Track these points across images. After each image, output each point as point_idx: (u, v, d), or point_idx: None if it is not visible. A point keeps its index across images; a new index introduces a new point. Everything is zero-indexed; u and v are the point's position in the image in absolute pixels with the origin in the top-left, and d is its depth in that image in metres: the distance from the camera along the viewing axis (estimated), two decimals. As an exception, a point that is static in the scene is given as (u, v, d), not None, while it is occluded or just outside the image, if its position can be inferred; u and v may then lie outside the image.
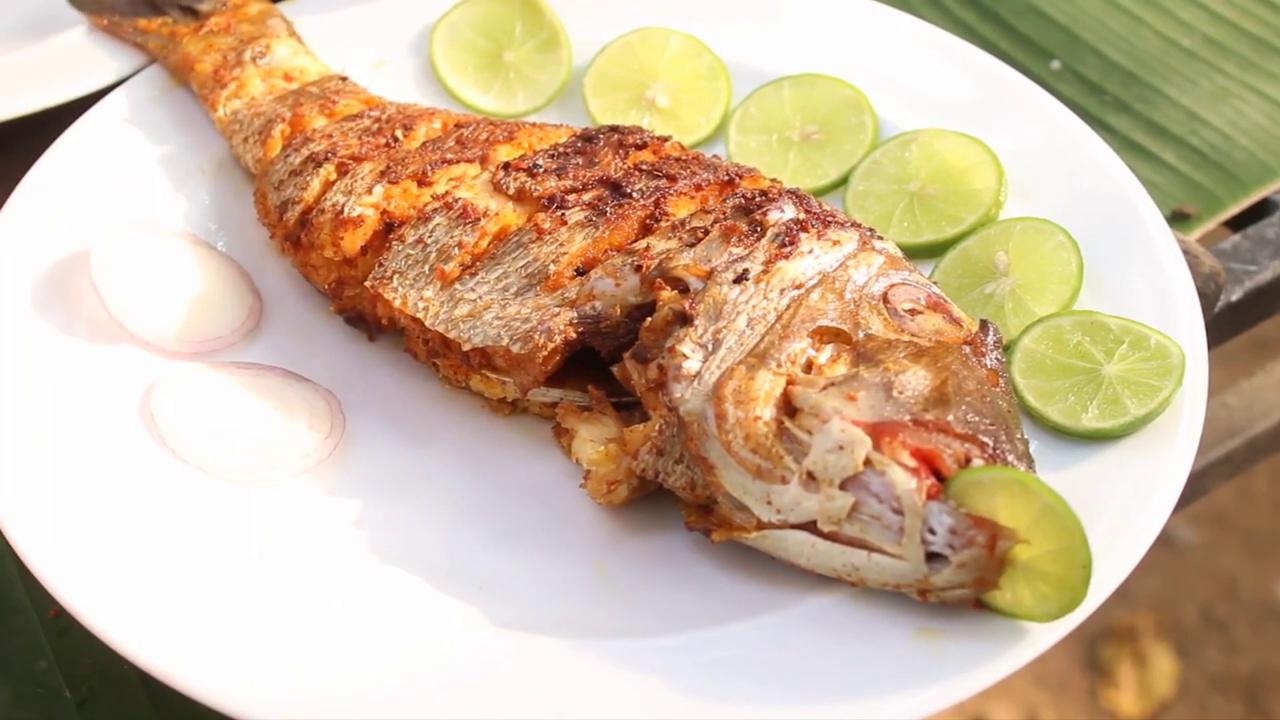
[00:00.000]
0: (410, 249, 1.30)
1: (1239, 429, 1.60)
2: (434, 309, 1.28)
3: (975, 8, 1.77)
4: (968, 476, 1.10)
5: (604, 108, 1.51)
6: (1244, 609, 3.08)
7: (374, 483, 1.27)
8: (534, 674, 1.13)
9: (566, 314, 1.23)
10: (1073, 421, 1.23)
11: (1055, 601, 1.09)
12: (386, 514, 1.25)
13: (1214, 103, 1.68)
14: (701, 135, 1.50)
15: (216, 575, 1.19)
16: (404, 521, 1.24)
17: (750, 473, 1.14)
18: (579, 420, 1.25)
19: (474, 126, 1.40)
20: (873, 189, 1.43)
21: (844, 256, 1.23)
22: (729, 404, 1.15)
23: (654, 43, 1.54)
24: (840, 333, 1.19)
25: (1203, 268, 1.44)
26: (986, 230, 1.36)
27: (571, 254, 1.26)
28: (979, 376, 1.17)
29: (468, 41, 1.56)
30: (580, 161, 1.34)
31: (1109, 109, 1.66)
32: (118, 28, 1.57)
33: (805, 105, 1.49)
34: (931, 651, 1.11)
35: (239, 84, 1.48)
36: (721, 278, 1.21)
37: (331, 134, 1.40)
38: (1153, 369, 1.24)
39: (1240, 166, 1.62)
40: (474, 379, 1.29)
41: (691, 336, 1.18)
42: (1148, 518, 1.18)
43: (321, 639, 1.15)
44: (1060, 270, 1.32)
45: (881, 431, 1.11)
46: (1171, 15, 1.76)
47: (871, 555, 1.12)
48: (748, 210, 1.26)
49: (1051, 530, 1.08)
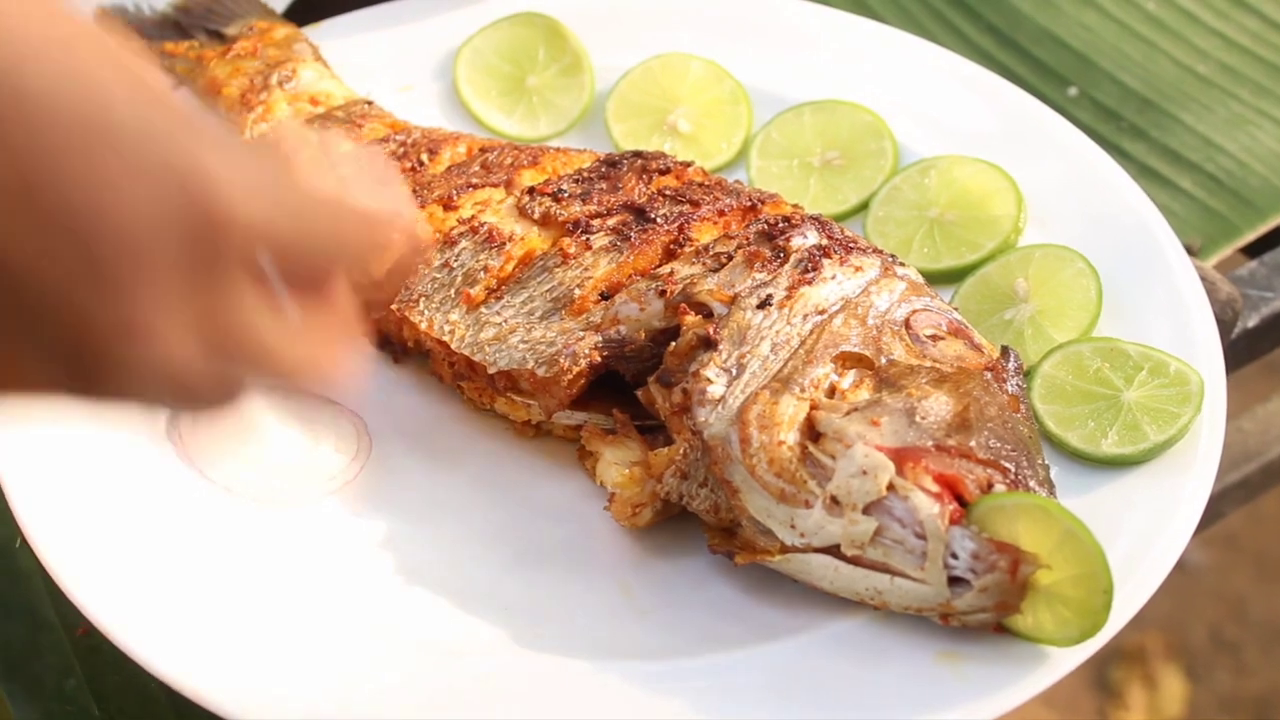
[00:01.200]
0: (436, 273, 1.32)
1: (1254, 454, 1.60)
2: (460, 332, 1.29)
3: (993, 34, 1.78)
4: (990, 502, 1.11)
5: (626, 133, 1.52)
6: (1253, 631, 3.08)
7: (399, 504, 1.28)
8: (560, 695, 1.14)
9: (591, 338, 1.25)
10: (1093, 447, 1.24)
11: (1076, 626, 1.10)
12: (412, 535, 1.26)
13: (1229, 129, 1.69)
14: (723, 160, 1.51)
15: (242, 595, 1.20)
16: (429, 543, 1.25)
17: (774, 496, 1.15)
18: (603, 443, 1.26)
19: (498, 151, 1.42)
20: (893, 215, 1.44)
21: (866, 282, 1.24)
22: (753, 428, 1.16)
23: (675, 68, 1.55)
24: (863, 358, 1.20)
25: (1220, 294, 1.45)
26: (1006, 257, 1.38)
27: (596, 278, 1.28)
28: (1000, 402, 1.18)
29: (491, 66, 1.58)
30: (604, 186, 1.35)
31: (1125, 135, 1.68)
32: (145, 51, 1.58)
33: (826, 131, 1.50)
34: (954, 674, 1.12)
35: (265, 108, 1.49)
36: (745, 303, 1.22)
37: (357, 158, 1.41)
38: (1172, 395, 1.25)
39: (1256, 193, 1.63)
40: (499, 402, 1.30)
41: (716, 361, 1.19)
42: (1167, 543, 1.19)
43: (347, 660, 1.16)
44: (1080, 297, 1.33)
45: (904, 457, 1.12)
46: (1187, 42, 1.77)
47: (894, 579, 1.13)
48: (771, 236, 1.27)
49: (1073, 555, 1.09)
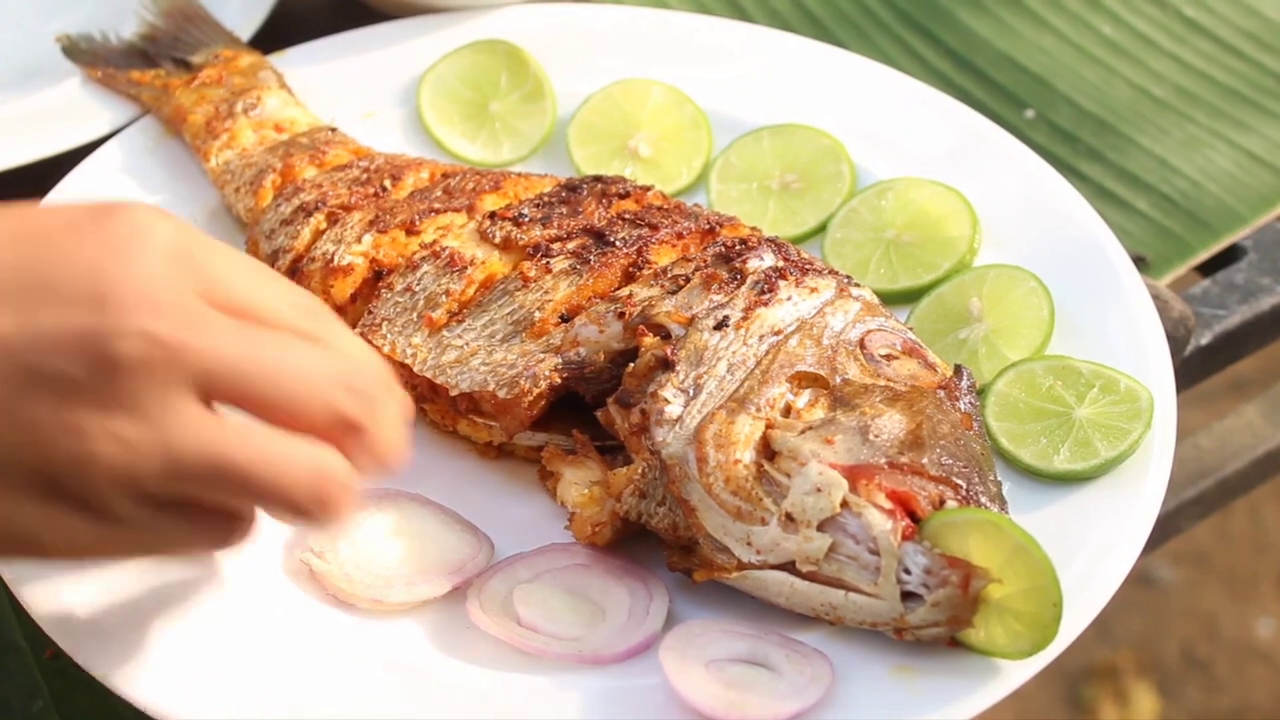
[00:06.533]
0: (399, 297, 1.33)
1: (1210, 470, 1.62)
2: (422, 355, 1.31)
3: (951, 58, 1.80)
4: (942, 518, 1.13)
5: (588, 158, 1.54)
6: (1224, 648, 3.10)
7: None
8: (524, 711, 1.15)
9: (551, 360, 1.26)
10: (1045, 464, 1.26)
11: (1028, 639, 1.11)
12: (376, 556, 1.27)
13: (1184, 151, 1.71)
14: (683, 184, 1.53)
15: (211, 618, 1.20)
16: (393, 563, 1.26)
17: (730, 514, 1.16)
18: (564, 464, 1.27)
19: (461, 176, 1.43)
20: (850, 236, 1.45)
21: (822, 303, 1.26)
22: (710, 447, 1.17)
23: (636, 94, 1.57)
24: (818, 378, 1.22)
25: (1172, 312, 1.47)
26: (961, 277, 1.39)
27: (556, 301, 1.29)
28: (953, 420, 1.20)
29: (454, 92, 1.59)
30: (565, 210, 1.36)
31: (1082, 157, 1.70)
32: (112, 79, 1.60)
33: (784, 155, 1.52)
34: (908, 689, 1.13)
35: (231, 135, 1.51)
36: (702, 324, 1.23)
37: (321, 184, 1.43)
38: (1123, 412, 1.27)
39: (1210, 213, 1.65)
40: (461, 424, 1.32)
41: (673, 382, 1.21)
42: (1119, 557, 1.20)
43: (314, 683, 1.16)
44: (1032, 316, 1.35)
45: (858, 474, 1.14)
46: (1143, 65, 1.80)
47: (849, 594, 1.14)
48: (728, 258, 1.28)
49: (1023, 570, 1.11)
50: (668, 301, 1.26)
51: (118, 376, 0.90)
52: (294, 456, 0.96)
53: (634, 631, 1.19)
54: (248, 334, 0.95)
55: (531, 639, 1.18)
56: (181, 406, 0.92)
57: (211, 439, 0.93)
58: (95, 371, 0.90)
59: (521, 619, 1.19)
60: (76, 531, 0.94)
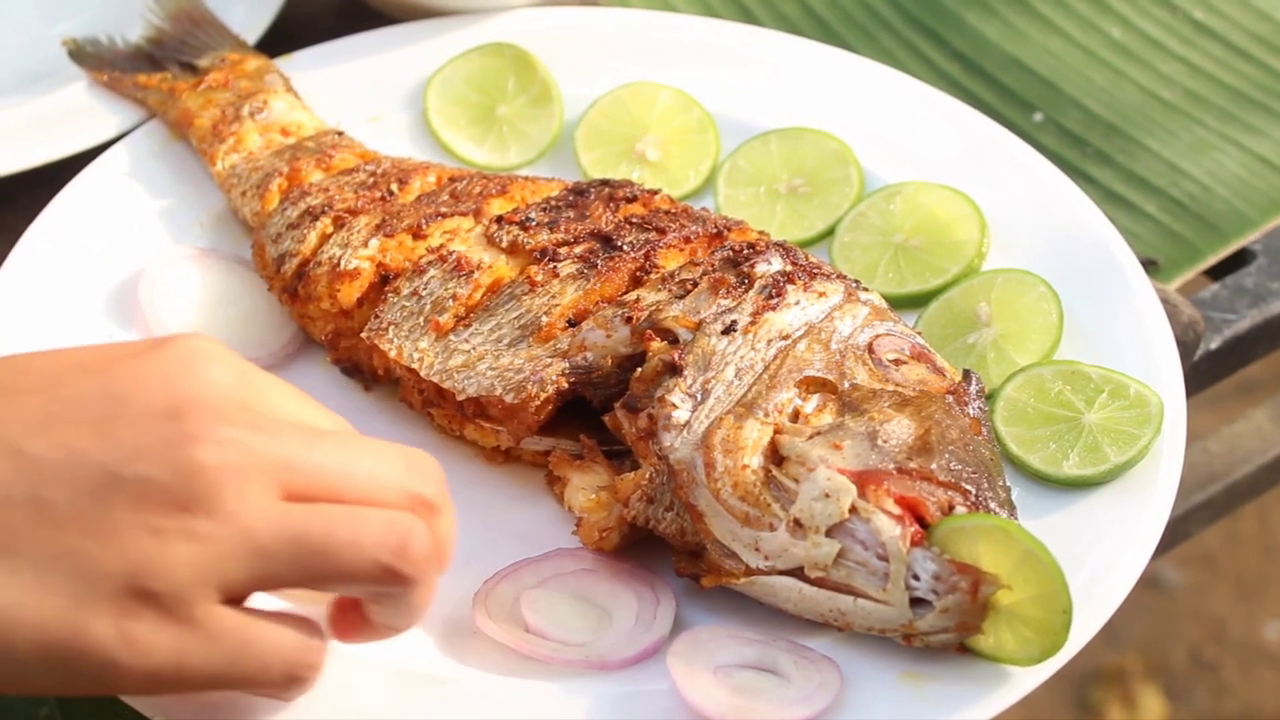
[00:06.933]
0: (405, 301, 1.33)
1: (1220, 474, 1.62)
2: (429, 360, 1.30)
3: (960, 61, 1.80)
4: (951, 524, 1.12)
5: (595, 161, 1.54)
6: (1232, 650, 3.10)
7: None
8: (525, 716, 1.15)
9: (559, 365, 1.26)
10: (1054, 469, 1.25)
11: (1037, 645, 1.11)
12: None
13: (1193, 154, 1.70)
14: (690, 188, 1.53)
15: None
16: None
17: (738, 520, 1.16)
18: (571, 469, 1.27)
19: (468, 180, 1.43)
20: (858, 240, 1.45)
21: (830, 308, 1.26)
22: (717, 452, 1.17)
23: (644, 97, 1.57)
24: (826, 383, 1.21)
25: (1182, 317, 1.47)
26: (969, 281, 1.39)
27: (563, 306, 1.29)
28: (962, 425, 1.19)
29: (461, 96, 1.59)
30: (572, 215, 1.36)
31: (1091, 161, 1.69)
32: (118, 83, 1.60)
33: (792, 158, 1.52)
34: (917, 695, 1.13)
35: (237, 139, 1.50)
36: (710, 329, 1.23)
37: (328, 188, 1.43)
38: (1132, 417, 1.26)
39: (1219, 216, 1.64)
40: (468, 428, 1.32)
41: (681, 387, 1.21)
42: (1128, 562, 1.20)
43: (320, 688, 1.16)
44: (1041, 321, 1.34)
45: (867, 480, 1.14)
46: (1152, 68, 1.79)
47: (857, 600, 1.14)
48: (736, 262, 1.28)
49: (1033, 576, 1.10)
50: (675, 306, 1.25)
51: (198, 479, 0.93)
52: (372, 518, 0.98)
53: (641, 637, 1.18)
54: (313, 433, 1.00)
55: (539, 645, 1.18)
56: (259, 500, 0.95)
57: (290, 519, 0.96)
58: (175, 475, 0.93)
59: (529, 625, 1.19)
60: (155, 646, 0.93)
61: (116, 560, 0.92)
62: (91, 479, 0.92)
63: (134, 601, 0.92)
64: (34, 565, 0.91)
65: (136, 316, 1.40)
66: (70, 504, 0.92)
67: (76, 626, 0.92)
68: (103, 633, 0.92)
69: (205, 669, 0.95)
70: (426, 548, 0.99)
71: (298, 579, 0.97)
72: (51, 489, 0.92)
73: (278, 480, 0.96)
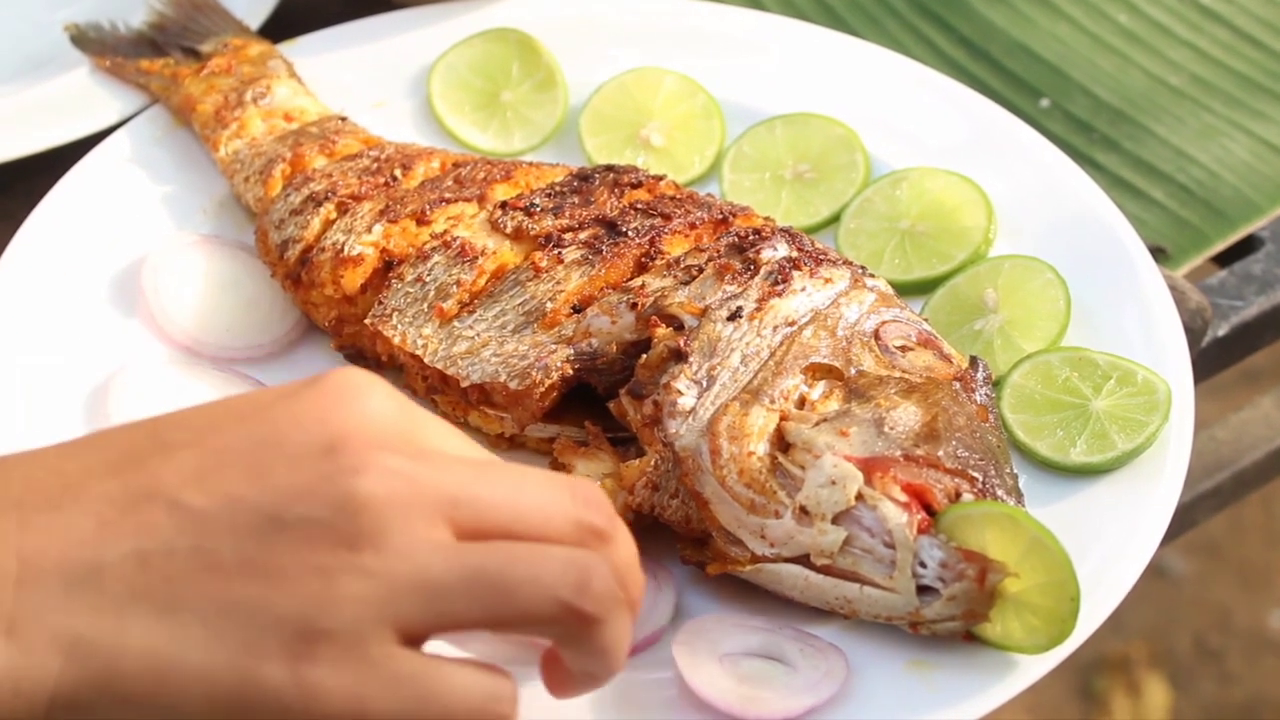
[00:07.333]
0: (409, 287, 1.32)
1: (1227, 462, 1.61)
2: (433, 346, 1.30)
3: (966, 47, 1.79)
4: (958, 511, 1.12)
5: (600, 147, 1.53)
6: (1237, 639, 3.10)
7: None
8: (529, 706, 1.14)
9: (563, 351, 1.25)
10: (1061, 456, 1.25)
11: (1044, 633, 1.11)
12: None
13: (1201, 140, 1.70)
14: (696, 174, 1.52)
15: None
16: (403, 556, 1.25)
17: (744, 507, 1.16)
18: (576, 456, 1.27)
19: (472, 166, 1.43)
20: (864, 227, 1.45)
21: (836, 294, 1.25)
22: (723, 439, 1.17)
23: (649, 82, 1.56)
24: (832, 369, 1.21)
25: (1189, 303, 1.46)
26: (976, 268, 1.39)
27: (568, 292, 1.28)
28: (969, 412, 1.19)
29: (465, 82, 1.58)
30: (576, 200, 1.36)
31: (1098, 147, 1.69)
32: (120, 68, 1.59)
33: (797, 144, 1.51)
34: (923, 683, 1.13)
35: (240, 124, 1.50)
36: (716, 315, 1.23)
37: (331, 173, 1.42)
38: (1140, 404, 1.26)
39: (1227, 203, 1.64)
40: (472, 415, 1.31)
41: (686, 373, 1.20)
42: (1135, 550, 1.19)
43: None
44: (1048, 307, 1.34)
45: (873, 467, 1.13)
46: (1159, 54, 1.79)
47: (864, 588, 1.13)
48: (741, 248, 1.28)
49: (1040, 564, 1.10)
50: (681, 292, 1.25)
51: (362, 514, 0.89)
52: (551, 553, 0.92)
53: (641, 625, 1.17)
54: (477, 464, 0.95)
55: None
56: (429, 534, 0.90)
57: (463, 554, 0.90)
58: (338, 511, 0.89)
59: None
60: (332, 691, 0.87)
61: (285, 604, 0.87)
62: (253, 524, 0.88)
63: (306, 645, 0.87)
64: (201, 617, 0.87)
65: (139, 303, 1.40)
66: (234, 552, 0.88)
67: (248, 674, 0.87)
68: (276, 678, 0.87)
69: (385, 714, 0.89)
70: (608, 582, 0.93)
71: (477, 619, 0.91)
72: (214, 539, 0.88)
73: (444, 514, 0.91)
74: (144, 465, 0.91)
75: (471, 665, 0.93)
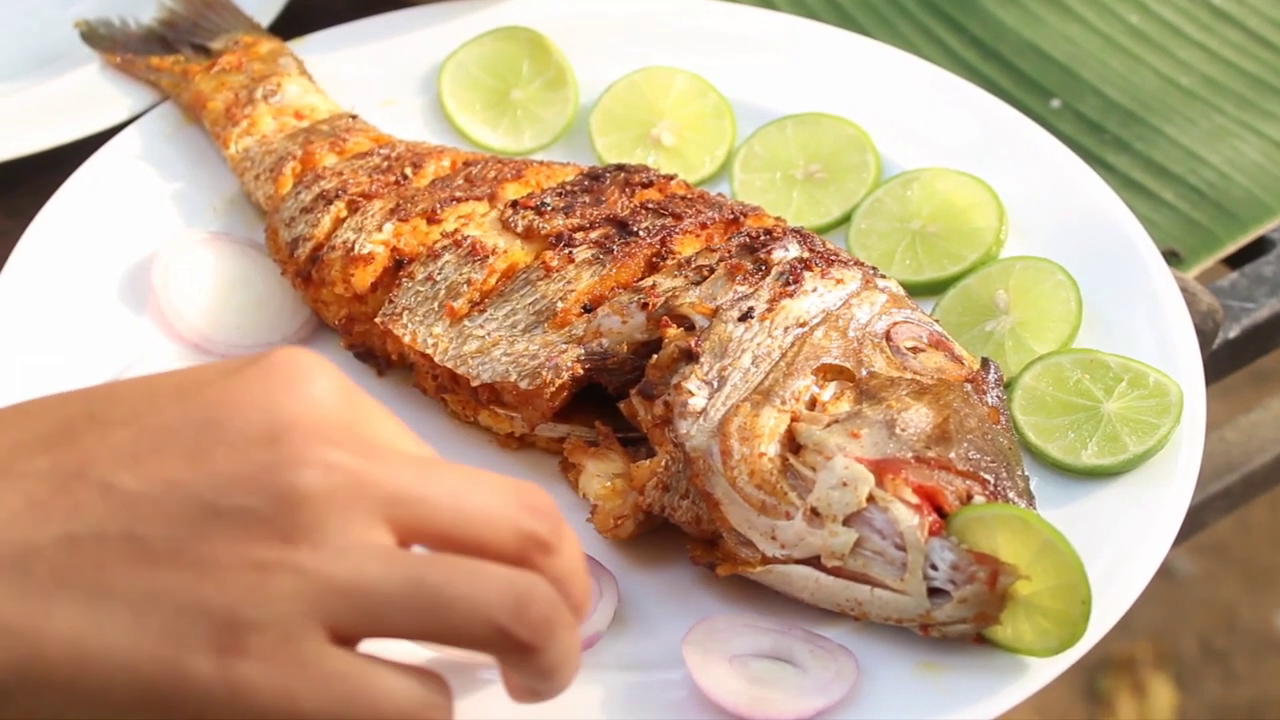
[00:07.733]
0: (420, 286, 1.32)
1: (1237, 464, 1.61)
2: (443, 345, 1.30)
3: (977, 47, 1.79)
4: (969, 513, 1.12)
5: (610, 146, 1.53)
6: (1243, 640, 3.10)
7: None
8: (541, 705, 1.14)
9: (574, 351, 1.25)
10: (1072, 458, 1.24)
11: (1056, 636, 1.10)
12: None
13: (1212, 141, 1.69)
14: (706, 173, 1.52)
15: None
16: (413, 555, 1.25)
17: (755, 508, 1.15)
18: (586, 456, 1.26)
19: (482, 164, 1.42)
20: (875, 227, 1.44)
21: (847, 295, 1.25)
22: (734, 440, 1.16)
23: (659, 82, 1.56)
24: (844, 370, 1.21)
25: (1200, 305, 1.46)
26: (987, 269, 1.38)
27: (579, 291, 1.28)
28: (980, 414, 1.19)
29: (475, 80, 1.58)
30: (587, 200, 1.35)
31: (1108, 147, 1.68)
32: (131, 65, 1.59)
33: (809, 144, 1.51)
34: (934, 686, 1.12)
35: (250, 122, 1.50)
36: (727, 315, 1.22)
37: (342, 171, 1.42)
38: (1151, 406, 1.25)
39: (1238, 204, 1.63)
40: (482, 414, 1.31)
41: (697, 374, 1.20)
42: (1147, 553, 1.19)
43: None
44: (1060, 309, 1.34)
45: (884, 468, 1.13)
46: (1170, 55, 1.78)
47: (874, 590, 1.13)
48: (752, 249, 1.27)
49: (1052, 566, 1.10)
50: (692, 292, 1.25)
51: (301, 508, 0.86)
52: (491, 573, 0.89)
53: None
54: (422, 462, 0.92)
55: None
56: (368, 535, 0.88)
57: (400, 563, 0.88)
58: (277, 504, 0.86)
59: None
60: (258, 686, 0.85)
61: (216, 596, 0.85)
62: (187, 512, 0.86)
63: (234, 638, 0.85)
64: (130, 605, 0.85)
65: (149, 300, 1.40)
66: (165, 539, 0.86)
67: (175, 666, 0.85)
68: (202, 670, 0.85)
69: (312, 711, 0.86)
70: (547, 607, 0.90)
71: (411, 630, 0.89)
72: (146, 525, 0.86)
73: (385, 514, 0.88)
74: (77, 442, 0.88)
75: (406, 669, 0.91)
